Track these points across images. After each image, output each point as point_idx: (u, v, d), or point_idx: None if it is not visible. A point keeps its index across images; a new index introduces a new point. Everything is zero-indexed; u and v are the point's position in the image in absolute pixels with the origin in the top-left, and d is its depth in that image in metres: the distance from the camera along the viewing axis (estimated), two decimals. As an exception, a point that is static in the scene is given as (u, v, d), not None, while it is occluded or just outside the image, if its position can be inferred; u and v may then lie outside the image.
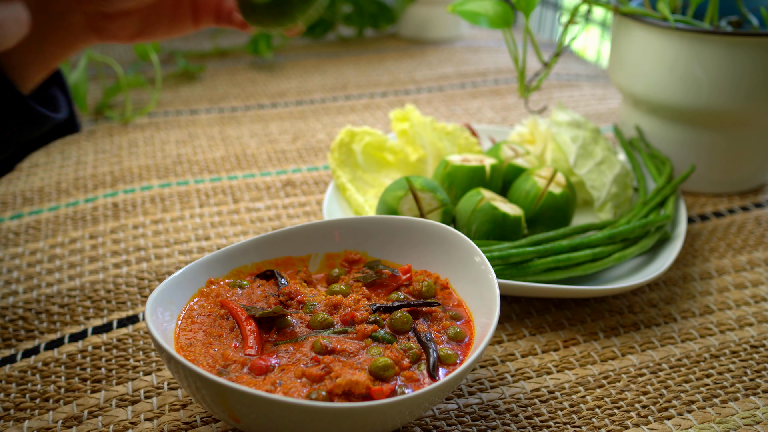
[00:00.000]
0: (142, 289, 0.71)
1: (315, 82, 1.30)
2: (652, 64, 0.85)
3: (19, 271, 0.74)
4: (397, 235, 0.65)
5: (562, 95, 1.25)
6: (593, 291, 0.66)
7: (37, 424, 0.55)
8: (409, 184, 0.73)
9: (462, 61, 1.42)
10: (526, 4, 0.84)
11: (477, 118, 1.15)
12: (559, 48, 0.89)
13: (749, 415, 0.57)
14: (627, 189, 0.83)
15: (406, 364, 0.53)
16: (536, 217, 0.75)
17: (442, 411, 0.57)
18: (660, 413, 0.57)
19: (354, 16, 1.51)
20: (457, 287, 0.61)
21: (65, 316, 0.67)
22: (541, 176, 0.77)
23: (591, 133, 0.85)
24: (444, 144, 0.85)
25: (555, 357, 0.63)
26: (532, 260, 0.68)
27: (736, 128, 0.86)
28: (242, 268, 0.62)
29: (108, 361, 0.62)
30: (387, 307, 0.57)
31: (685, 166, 0.88)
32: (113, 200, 0.88)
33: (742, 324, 0.68)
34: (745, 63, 0.80)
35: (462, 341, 0.56)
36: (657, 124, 0.90)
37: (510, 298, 0.70)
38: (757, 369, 0.62)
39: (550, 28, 1.78)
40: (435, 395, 0.49)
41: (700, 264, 0.77)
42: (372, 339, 0.55)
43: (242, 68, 1.37)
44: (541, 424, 0.56)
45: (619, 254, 0.71)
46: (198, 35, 1.57)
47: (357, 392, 0.49)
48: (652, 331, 0.67)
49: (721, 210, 0.88)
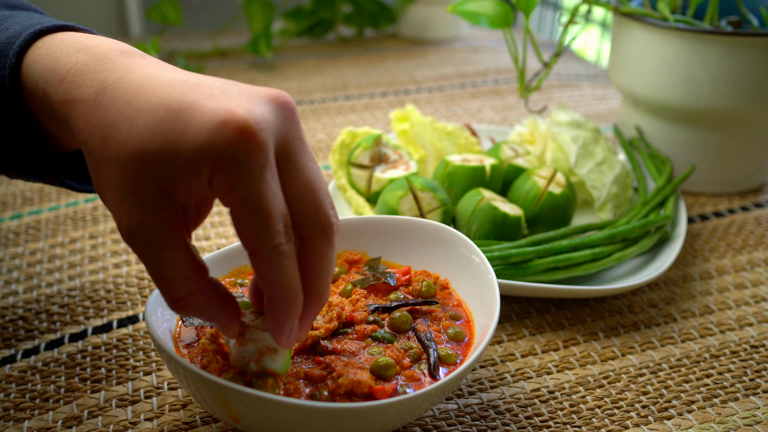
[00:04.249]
0: (142, 289, 0.71)
1: (315, 82, 1.30)
2: (652, 64, 0.85)
3: (19, 271, 0.74)
4: (397, 235, 0.65)
5: (562, 95, 1.25)
6: (593, 291, 0.66)
7: (37, 424, 0.55)
8: (409, 184, 0.73)
9: (462, 61, 1.42)
10: (526, 4, 0.84)
11: (477, 118, 1.15)
12: (559, 48, 0.89)
13: (749, 415, 0.57)
14: (627, 189, 0.83)
15: (407, 364, 0.53)
16: (536, 217, 0.75)
17: (442, 411, 0.57)
18: (660, 413, 0.57)
19: (354, 16, 1.51)
20: (457, 287, 0.61)
21: (65, 316, 0.67)
22: (541, 176, 0.77)
23: (591, 133, 0.85)
24: (444, 144, 0.85)
25: (555, 357, 0.63)
26: (532, 260, 0.68)
27: (736, 128, 0.86)
28: (242, 268, 0.62)
29: (108, 361, 0.62)
30: (386, 307, 0.57)
31: (685, 166, 0.88)
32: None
33: (742, 324, 0.68)
34: (745, 63, 0.80)
35: (462, 341, 0.56)
36: (657, 124, 0.90)
37: (510, 298, 0.70)
38: (757, 369, 0.62)
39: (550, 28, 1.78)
40: (436, 395, 0.49)
41: (700, 264, 0.77)
42: (372, 339, 0.55)
43: (242, 68, 1.37)
44: (541, 424, 0.56)
45: (619, 254, 0.71)
46: (198, 35, 1.57)
47: (360, 392, 0.49)
48: (652, 331, 0.67)
49: (721, 210, 0.88)
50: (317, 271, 0.46)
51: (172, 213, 0.43)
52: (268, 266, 0.43)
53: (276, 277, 0.43)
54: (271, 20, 1.38)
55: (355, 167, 0.82)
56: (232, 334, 0.48)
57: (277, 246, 0.43)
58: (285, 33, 1.50)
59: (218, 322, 0.47)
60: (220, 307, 0.46)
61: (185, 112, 0.42)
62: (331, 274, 0.47)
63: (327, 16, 1.49)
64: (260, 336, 0.49)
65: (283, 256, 0.43)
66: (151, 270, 0.43)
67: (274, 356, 0.49)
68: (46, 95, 0.47)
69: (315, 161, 0.46)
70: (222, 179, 0.41)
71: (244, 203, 0.42)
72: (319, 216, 0.45)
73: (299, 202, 0.45)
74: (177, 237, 0.43)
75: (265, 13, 1.38)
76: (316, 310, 0.47)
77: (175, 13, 1.39)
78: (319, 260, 0.46)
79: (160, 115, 0.42)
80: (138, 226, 0.42)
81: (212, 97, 0.42)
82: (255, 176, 0.41)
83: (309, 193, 0.45)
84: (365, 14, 1.50)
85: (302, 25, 1.49)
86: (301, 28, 1.50)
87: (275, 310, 0.45)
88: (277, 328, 0.45)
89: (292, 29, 1.50)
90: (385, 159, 0.82)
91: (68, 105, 0.46)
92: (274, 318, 0.45)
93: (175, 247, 0.43)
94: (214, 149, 0.41)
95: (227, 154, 0.41)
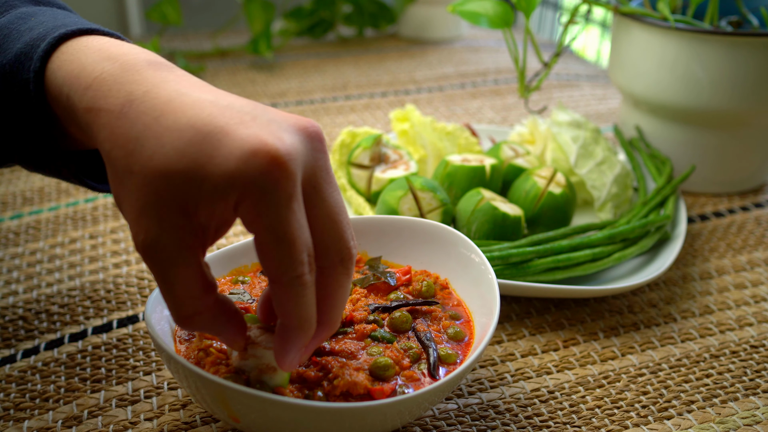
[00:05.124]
0: (142, 289, 0.71)
1: (315, 82, 1.30)
2: (652, 64, 0.85)
3: (19, 271, 0.74)
4: (397, 235, 0.65)
5: (562, 95, 1.25)
6: (593, 291, 0.66)
7: (37, 424, 0.55)
8: (409, 184, 0.73)
9: (462, 61, 1.42)
10: (527, 4, 0.84)
11: (477, 118, 1.15)
12: (559, 48, 0.89)
13: (749, 415, 0.57)
14: (627, 189, 0.83)
15: (407, 364, 0.53)
16: (536, 217, 0.75)
17: (442, 411, 0.57)
18: (660, 413, 0.57)
19: (354, 16, 1.51)
20: (457, 287, 0.61)
21: (65, 316, 0.67)
22: (541, 176, 0.77)
23: (591, 133, 0.85)
24: (444, 144, 0.85)
25: (555, 357, 0.63)
26: (532, 260, 0.68)
27: (736, 128, 0.86)
28: (242, 268, 0.62)
29: (108, 361, 0.62)
30: (386, 306, 0.57)
31: (685, 166, 0.88)
32: (113, 200, 0.88)
33: (742, 324, 0.68)
34: (745, 63, 0.80)
35: (462, 341, 0.56)
36: (657, 124, 0.90)
37: (510, 298, 0.70)
38: (757, 369, 0.62)
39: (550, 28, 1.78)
40: (435, 395, 0.49)
41: (700, 264, 0.77)
42: (371, 338, 0.54)
43: (242, 68, 1.37)
44: (541, 424, 0.56)
45: (619, 254, 0.71)
46: (198, 35, 1.57)
47: (356, 393, 0.49)
48: (652, 331, 0.67)
49: (721, 210, 0.88)
50: (333, 300, 0.46)
51: (190, 233, 0.43)
52: (287, 295, 0.43)
53: (294, 307, 0.43)
54: (271, 20, 1.38)
55: (355, 167, 0.82)
56: (237, 348, 0.49)
57: (299, 276, 0.43)
58: (285, 33, 1.50)
59: (224, 338, 0.47)
60: (226, 324, 0.46)
61: (215, 137, 0.42)
62: (345, 303, 0.47)
63: (327, 16, 1.49)
64: (263, 353, 0.49)
65: (304, 286, 0.43)
66: (162, 285, 0.43)
67: (273, 375, 0.49)
68: (70, 102, 0.47)
69: (339, 191, 0.46)
70: (249, 207, 0.41)
71: (269, 232, 0.42)
72: (341, 247, 0.46)
73: (322, 232, 0.45)
74: (191, 256, 0.43)
75: (265, 13, 1.38)
76: (325, 336, 0.47)
77: (175, 13, 1.39)
78: (336, 290, 0.46)
79: (189, 137, 0.42)
80: (154, 241, 0.42)
81: (242, 123, 0.42)
82: (282, 207, 0.41)
83: (333, 224, 0.45)
84: (365, 14, 1.50)
85: (302, 25, 1.49)
86: (301, 28, 1.50)
87: (286, 336, 0.45)
88: (284, 353, 0.45)
89: (292, 29, 1.50)
90: (385, 159, 0.82)
91: (92, 113, 0.45)
92: (283, 343, 0.45)
93: (188, 265, 0.43)
94: (243, 178, 0.41)
95: (256, 183, 0.41)
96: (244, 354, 0.49)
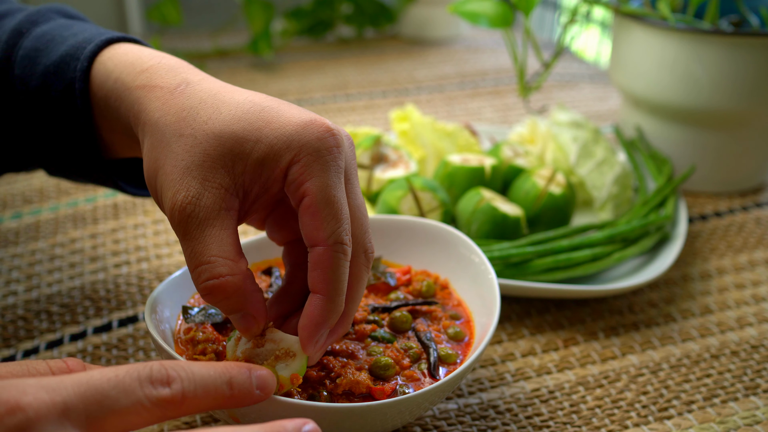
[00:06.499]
0: (142, 289, 0.71)
1: (315, 82, 1.30)
2: (652, 64, 0.85)
3: (19, 271, 0.74)
4: (397, 235, 0.65)
5: (562, 95, 1.25)
6: (593, 291, 0.66)
7: (37, 424, 0.55)
8: (409, 184, 0.73)
9: (462, 61, 1.42)
10: (526, 4, 0.84)
11: (477, 118, 1.15)
12: (559, 48, 0.89)
13: (749, 415, 0.57)
14: (627, 189, 0.83)
15: (407, 364, 0.53)
16: (536, 217, 0.75)
17: (442, 411, 0.57)
18: (660, 413, 0.57)
19: (354, 16, 1.51)
20: (457, 287, 0.61)
21: (65, 316, 0.67)
22: (541, 176, 0.77)
23: (591, 133, 0.85)
24: (444, 144, 0.85)
25: (555, 357, 0.63)
26: (532, 260, 0.68)
27: (736, 128, 0.86)
28: (243, 267, 0.61)
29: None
30: (386, 306, 0.57)
31: (685, 166, 0.88)
32: (113, 200, 0.88)
33: (742, 324, 0.68)
34: (745, 63, 0.80)
35: (462, 341, 0.56)
36: (657, 124, 0.90)
37: (510, 298, 0.70)
38: (757, 369, 0.62)
39: (550, 28, 1.78)
40: (436, 395, 0.49)
41: (700, 264, 0.77)
42: (371, 339, 0.54)
43: (242, 68, 1.37)
44: (541, 424, 0.56)
45: (619, 254, 0.71)
46: (198, 35, 1.57)
47: (358, 392, 0.49)
48: (652, 331, 0.67)
49: (721, 210, 0.88)
50: (352, 293, 0.47)
51: (233, 194, 0.44)
52: (328, 261, 0.44)
53: (332, 275, 0.44)
54: (271, 20, 1.38)
55: (355, 167, 0.82)
56: (255, 331, 0.46)
57: (343, 243, 0.44)
58: (285, 33, 1.50)
59: (248, 311, 0.45)
60: (253, 294, 0.45)
61: (273, 109, 0.45)
62: (360, 299, 0.48)
63: (327, 16, 1.49)
64: (282, 337, 0.47)
65: (345, 256, 0.44)
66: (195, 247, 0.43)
67: (291, 361, 0.46)
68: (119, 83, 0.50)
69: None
70: (303, 167, 0.43)
71: (320, 192, 0.43)
72: (365, 240, 0.47)
73: (352, 222, 0.46)
74: (230, 218, 0.44)
75: (265, 13, 1.38)
76: (341, 331, 0.47)
77: (175, 13, 1.39)
78: (356, 282, 0.47)
79: (247, 108, 0.45)
80: (195, 199, 0.43)
81: (292, 107, 0.46)
82: (334, 172, 0.44)
83: (360, 216, 0.47)
84: (365, 14, 1.50)
85: (302, 25, 1.49)
86: (301, 28, 1.50)
87: (317, 308, 0.44)
88: (313, 328, 0.44)
89: (292, 29, 1.50)
90: (385, 159, 0.82)
91: (146, 89, 0.48)
92: (313, 317, 0.44)
93: (226, 227, 0.44)
94: (301, 139, 0.44)
95: (312, 146, 0.44)
96: (260, 340, 0.47)
